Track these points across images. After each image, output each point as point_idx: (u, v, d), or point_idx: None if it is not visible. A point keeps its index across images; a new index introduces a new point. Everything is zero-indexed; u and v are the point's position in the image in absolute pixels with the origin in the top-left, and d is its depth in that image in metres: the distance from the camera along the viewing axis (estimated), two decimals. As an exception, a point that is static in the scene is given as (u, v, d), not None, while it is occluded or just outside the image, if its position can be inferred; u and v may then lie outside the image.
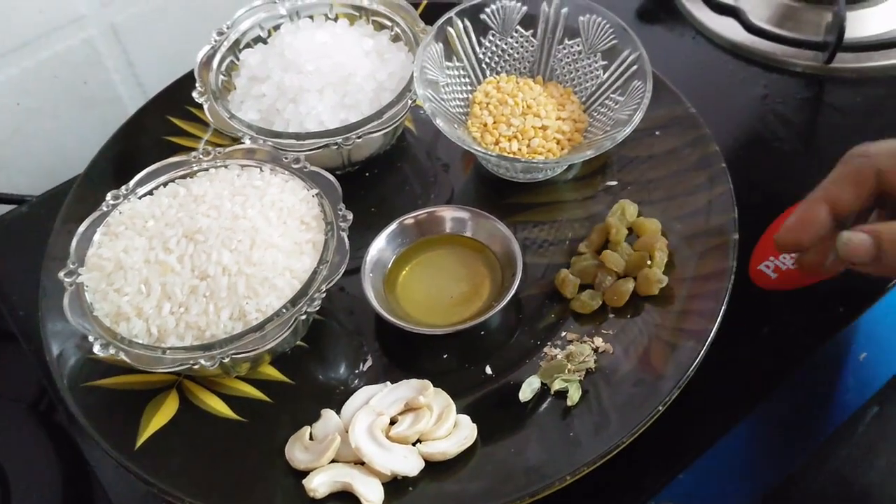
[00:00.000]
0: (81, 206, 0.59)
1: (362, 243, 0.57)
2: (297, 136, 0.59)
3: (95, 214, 0.56)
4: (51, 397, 0.60)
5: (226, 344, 0.49)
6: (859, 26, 0.72)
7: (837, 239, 0.48)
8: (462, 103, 0.64)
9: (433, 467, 0.48)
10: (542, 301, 0.56)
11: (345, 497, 0.48)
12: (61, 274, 0.53)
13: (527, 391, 0.51)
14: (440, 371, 0.53)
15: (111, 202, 0.56)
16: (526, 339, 0.54)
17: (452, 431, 0.49)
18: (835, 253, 0.49)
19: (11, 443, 0.59)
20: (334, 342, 0.56)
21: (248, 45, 0.67)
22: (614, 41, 0.62)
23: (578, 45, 0.64)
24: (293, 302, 0.51)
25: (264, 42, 0.67)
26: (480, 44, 0.64)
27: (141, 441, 0.51)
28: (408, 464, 0.48)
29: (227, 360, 0.49)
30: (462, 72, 0.64)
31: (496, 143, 0.61)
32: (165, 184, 0.57)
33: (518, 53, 0.65)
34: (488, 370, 0.53)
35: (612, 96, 0.62)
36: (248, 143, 0.59)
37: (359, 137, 0.59)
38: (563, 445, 0.48)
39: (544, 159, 0.60)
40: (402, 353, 0.55)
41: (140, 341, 0.50)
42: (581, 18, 0.63)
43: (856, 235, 0.47)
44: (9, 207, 0.72)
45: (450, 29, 0.63)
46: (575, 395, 0.50)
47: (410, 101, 0.61)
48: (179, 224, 0.53)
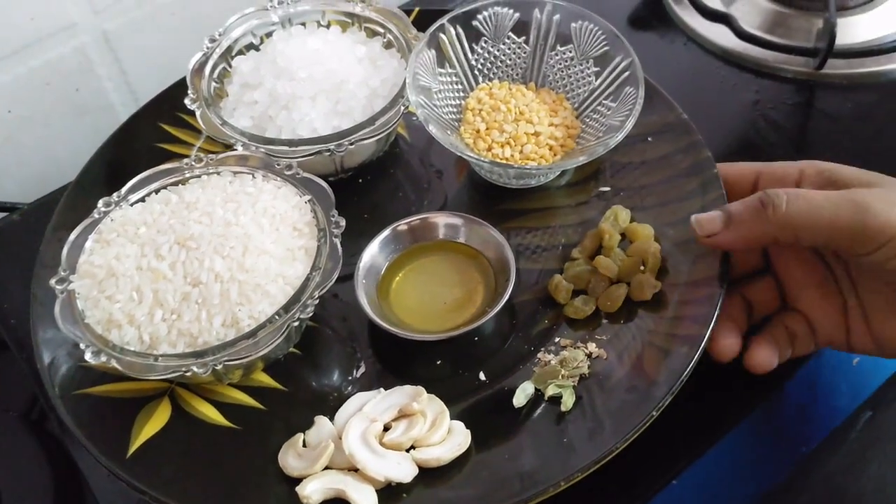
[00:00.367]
0: (73, 214, 0.59)
1: (355, 250, 0.57)
2: (290, 142, 0.59)
3: (87, 222, 0.55)
4: (42, 406, 0.60)
5: (218, 351, 0.49)
6: (850, 33, 0.73)
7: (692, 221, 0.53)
8: (455, 110, 0.64)
9: (427, 474, 0.48)
10: (535, 307, 0.56)
11: (338, 504, 0.47)
12: (52, 281, 0.52)
13: (521, 397, 0.51)
14: (434, 377, 0.53)
15: (103, 209, 0.56)
16: (520, 345, 0.54)
17: (446, 437, 0.49)
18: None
19: (2, 452, 0.59)
20: (327, 349, 0.56)
21: (240, 52, 0.66)
22: (606, 48, 0.62)
23: (570, 52, 0.64)
24: (286, 308, 0.51)
25: (256, 49, 0.67)
26: (473, 50, 0.64)
27: (133, 449, 0.50)
28: (402, 470, 0.48)
29: (220, 367, 0.49)
30: (455, 78, 0.64)
31: (489, 150, 0.61)
32: (157, 191, 0.57)
33: (510, 60, 0.65)
34: (482, 376, 0.53)
35: (604, 102, 0.62)
36: (240, 150, 0.59)
37: (351, 144, 0.59)
38: (557, 451, 0.48)
39: (537, 165, 0.60)
40: (396, 360, 0.55)
41: (132, 348, 0.50)
42: (573, 25, 0.63)
43: (705, 213, 0.53)
44: (0, 215, 0.72)
45: (442, 35, 0.63)
46: (569, 401, 0.50)
47: (403, 108, 0.61)
48: (171, 231, 0.53)
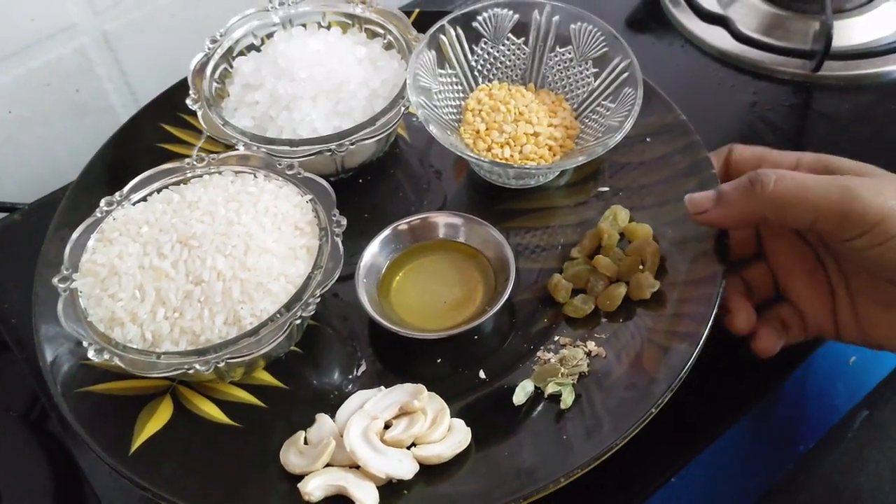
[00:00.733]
0: (75, 213, 0.59)
1: (356, 249, 0.57)
2: (291, 142, 0.60)
3: (89, 221, 0.56)
4: (43, 406, 0.60)
5: (220, 349, 0.49)
6: (846, 35, 0.73)
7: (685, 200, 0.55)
8: (455, 110, 0.64)
9: (428, 471, 0.48)
10: (535, 306, 0.56)
11: (340, 501, 0.47)
12: (55, 280, 0.53)
13: (520, 395, 0.51)
14: (434, 375, 0.53)
15: (105, 208, 0.56)
16: (519, 344, 0.55)
17: (447, 435, 0.49)
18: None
19: (2, 452, 0.59)
20: (328, 347, 0.56)
21: (241, 53, 0.67)
22: (605, 49, 0.62)
23: (570, 53, 0.64)
24: (288, 307, 0.51)
25: (258, 50, 0.67)
26: (473, 51, 0.65)
27: (135, 446, 0.50)
28: (402, 467, 0.48)
29: (222, 364, 0.49)
30: (454, 79, 0.65)
31: (489, 150, 0.61)
32: (159, 190, 0.57)
33: (510, 61, 0.66)
34: (482, 374, 0.53)
35: (603, 103, 0.62)
36: (241, 150, 0.59)
37: (352, 144, 0.59)
38: (556, 448, 0.48)
39: (536, 165, 0.61)
40: (397, 358, 0.55)
41: (134, 346, 0.50)
42: (572, 26, 0.64)
43: (698, 193, 0.54)
44: (0, 215, 0.72)
45: (442, 37, 0.63)
46: (568, 399, 0.50)
47: (403, 108, 0.61)
48: (174, 230, 0.53)
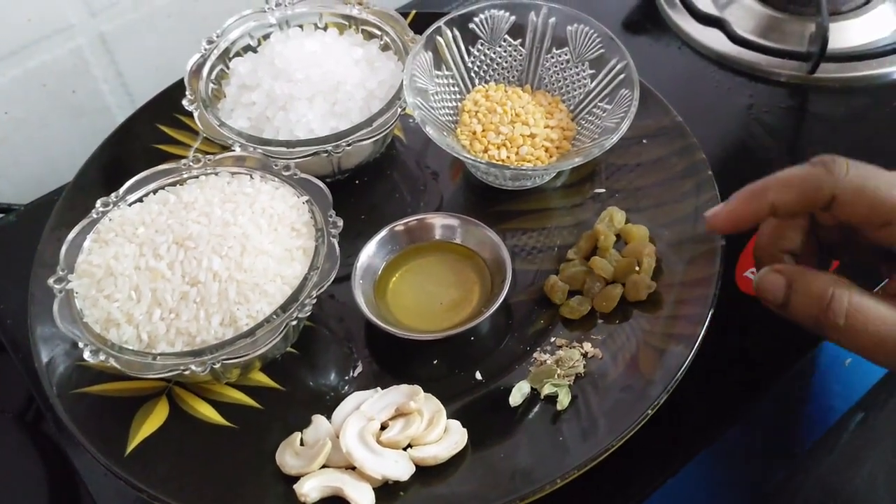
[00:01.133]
0: (71, 214, 0.59)
1: (352, 250, 0.57)
2: (288, 143, 0.60)
3: (85, 221, 0.55)
4: (38, 407, 0.60)
5: (216, 350, 0.49)
6: (842, 37, 0.73)
7: (755, 278, 0.48)
8: (451, 111, 0.64)
9: (424, 472, 0.48)
10: (531, 307, 0.56)
11: (336, 502, 0.48)
12: (51, 280, 0.53)
13: (517, 396, 0.51)
14: (430, 376, 0.53)
15: (101, 209, 0.56)
16: (515, 345, 0.55)
17: (443, 436, 0.50)
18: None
19: (-3, 453, 0.59)
20: (325, 348, 0.56)
21: (237, 54, 0.67)
22: (601, 50, 0.63)
23: (566, 55, 0.64)
24: (284, 308, 0.51)
25: (254, 51, 0.67)
26: (469, 53, 0.65)
27: (131, 447, 0.50)
28: (399, 468, 0.48)
29: (218, 365, 0.49)
30: (451, 80, 0.65)
31: (485, 151, 0.61)
32: (155, 191, 0.57)
33: (507, 62, 0.66)
34: (478, 375, 0.53)
35: (599, 104, 0.62)
36: (238, 151, 0.59)
37: (349, 145, 0.59)
38: (552, 449, 0.49)
39: (533, 166, 0.61)
40: (393, 359, 0.55)
41: (130, 347, 0.50)
42: (569, 28, 0.64)
43: (770, 275, 0.47)
44: (-4, 216, 0.72)
45: (439, 38, 0.63)
46: (564, 400, 0.50)
47: (400, 110, 0.61)
48: (170, 231, 0.53)
